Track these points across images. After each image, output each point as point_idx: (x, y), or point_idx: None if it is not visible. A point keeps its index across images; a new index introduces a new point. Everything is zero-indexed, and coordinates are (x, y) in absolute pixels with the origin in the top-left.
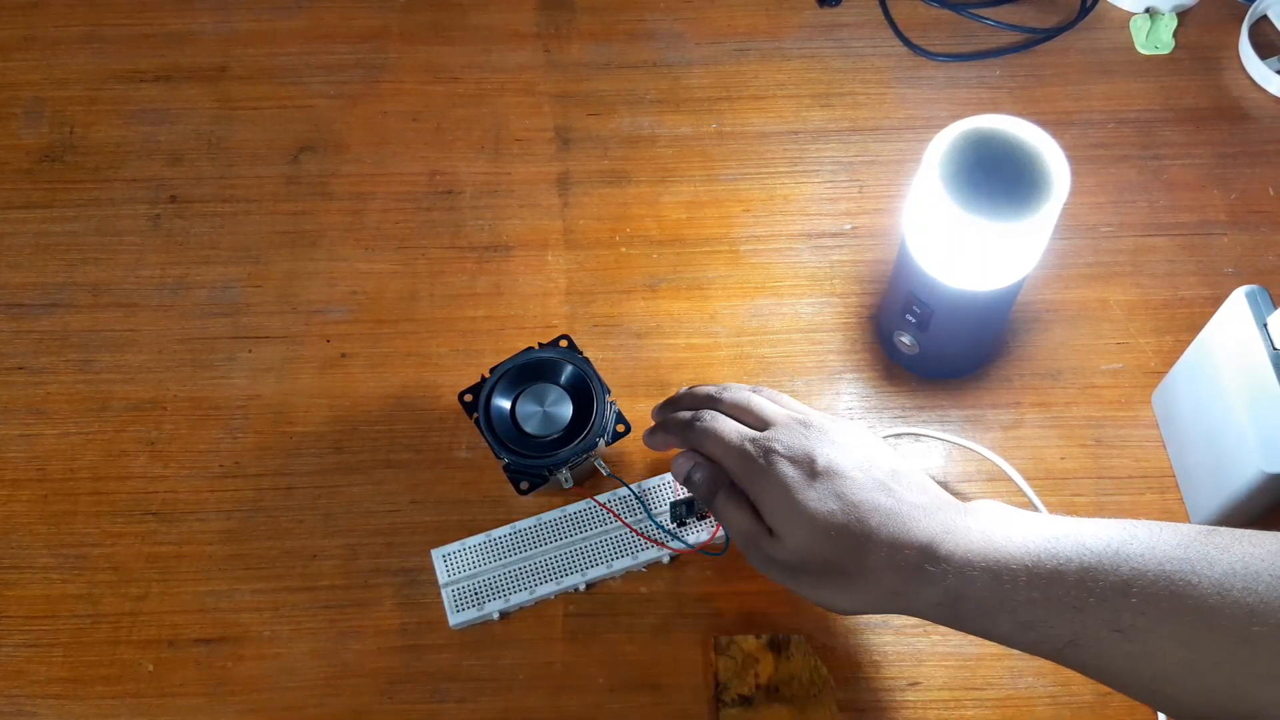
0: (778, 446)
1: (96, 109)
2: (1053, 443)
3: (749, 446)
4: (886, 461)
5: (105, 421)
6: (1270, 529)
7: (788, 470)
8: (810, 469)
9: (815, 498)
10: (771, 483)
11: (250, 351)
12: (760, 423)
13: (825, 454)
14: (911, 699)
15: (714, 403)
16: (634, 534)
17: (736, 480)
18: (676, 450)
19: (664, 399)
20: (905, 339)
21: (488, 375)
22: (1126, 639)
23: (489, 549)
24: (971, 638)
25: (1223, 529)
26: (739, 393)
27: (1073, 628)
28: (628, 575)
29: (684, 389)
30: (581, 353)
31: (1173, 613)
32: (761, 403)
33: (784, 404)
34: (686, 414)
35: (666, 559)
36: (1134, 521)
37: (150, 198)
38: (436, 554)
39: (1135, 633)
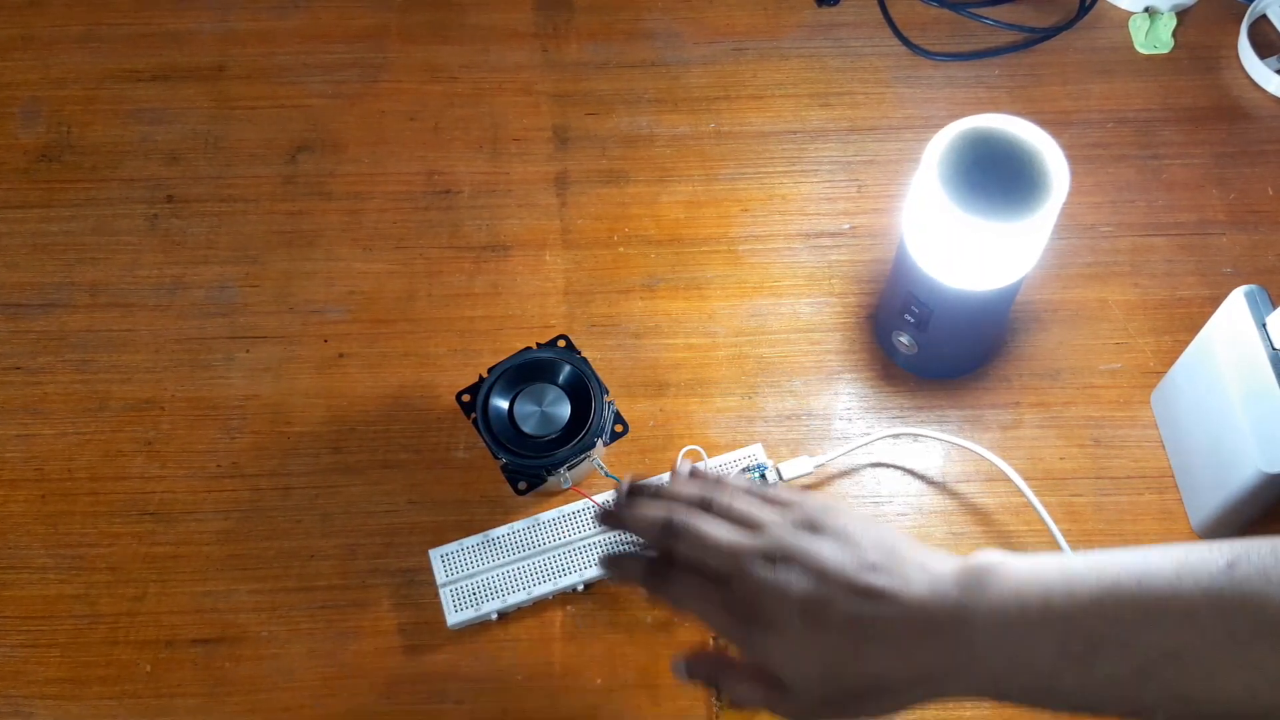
0: (753, 612)
1: (94, 109)
2: (1051, 443)
3: (726, 620)
4: (862, 557)
5: (102, 421)
6: (1269, 530)
7: (772, 630)
8: (792, 616)
9: (812, 645)
10: (761, 646)
11: (248, 351)
12: (721, 574)
13: (799, 592)
14: None
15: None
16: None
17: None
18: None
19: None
20: (904, 339)
21: (486, 375)
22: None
23: (487, 549)
24: None
25: (1239, 557)
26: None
27: (1132, 699)
28: None
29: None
30: (579, 353)
31: (1186, 680)
32: (716, 541)
33: (736, 515)
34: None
35: None
36: (1145, 564)
37: (147, 197)
38: (434, 554)
39: (1163, 688)
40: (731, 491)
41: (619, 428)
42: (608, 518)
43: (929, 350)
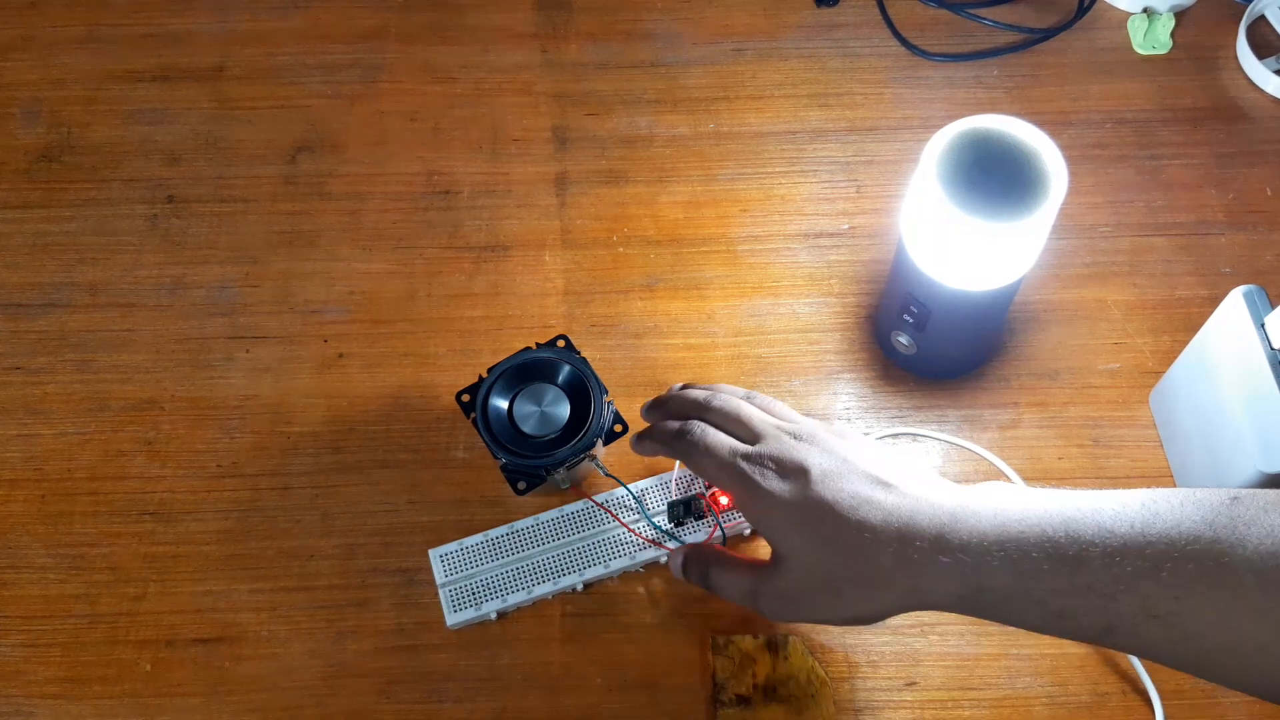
0: (769, 463)
1: (94, 109)
2: (1050, 443)
3: (741, 464)
4: (883, 457)
5: (103, 421)
6: None
7: (781, 485)
8: (804, 479)
9: (813, 506)
10: (766, 501)
11: (248, 351)
12: (750, 435)
13: (817, 461)
14: (909, 699)
15: (703, 410)
16: (631, 534)
17: (732, 497)
18: (665, 458)
19: (653, 398)
20: (903, 339)
21: (485, 375)
22: (1164, 625)
23: (486, 549)
24: (967, 637)
25: (1245, 494)
26: (729, 400)
27: (1106, 617)
28: (625, 575)
29: (674, 388)
30: (579, 353)
31: (1208, 597)
32: (751, 412)
33: (775, 412)
34: (675, 424)
35: (664, 559)
36: (1152, 491)
37: (148, 198)
38: (434, 554)
39: (1172, 619)
40: (769, 401)
41: (618, 428)
42: (641, 438)
43: (928, 350)
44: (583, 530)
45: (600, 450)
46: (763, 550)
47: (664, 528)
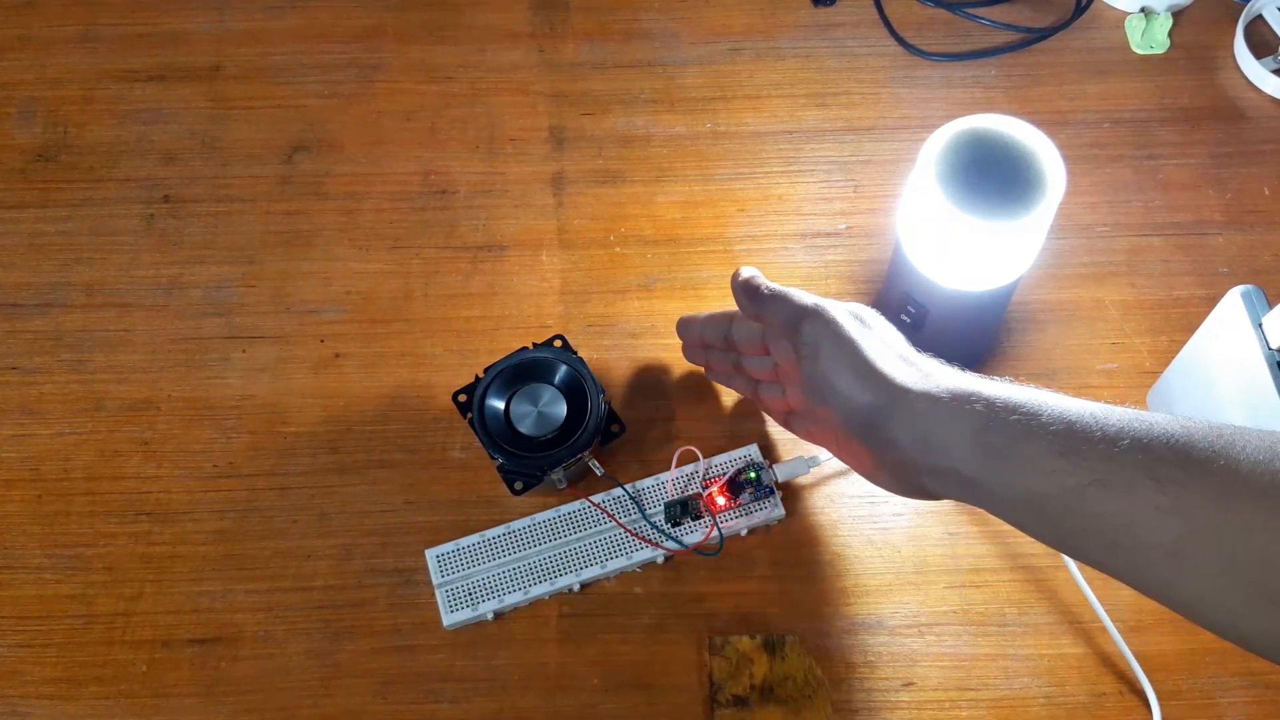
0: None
1: (90, 109)
2: None
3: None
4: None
5: (99, 422)
6: None
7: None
8: (836, 415)
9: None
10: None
11: (244, 351)
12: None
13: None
14: (906, 699)
15: (730, 346)
16: (628, 534)
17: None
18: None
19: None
20: None
21: (482, 375)
22: (1160, 490)
23: (483, 549)
24: (964, 638)
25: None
26: (746, 334)
27: (1105, 467)
28: (622, 576)
29: (694, 326)
30: (576, 353)
31: (1208, 472)
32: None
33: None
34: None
35: (661, 559)
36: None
37: (144, 197)
38: (431, 554)
39: (1170, 486)
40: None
41: (615, 428)
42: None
43: (925, 350)
44: (579, 530)
45: (597, 450)
46: (757, 560)
47: (661, 528)
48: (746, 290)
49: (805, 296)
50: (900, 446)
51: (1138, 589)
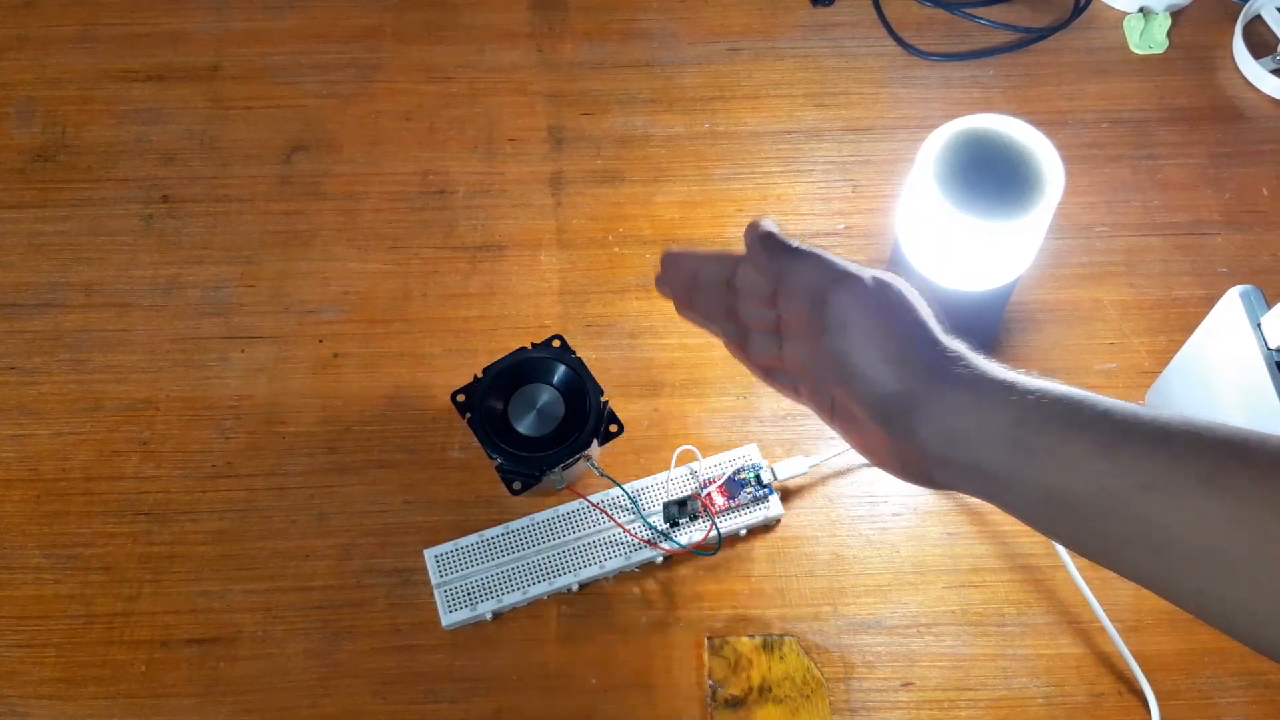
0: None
1: (89, 109)
2: None
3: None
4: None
5: (98, 421)
6: None
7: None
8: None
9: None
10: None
11: (243, 351)
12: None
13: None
14: (905, 699)
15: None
16: (627, 534)
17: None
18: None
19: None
20: None
21: (480, 375)
22: (1216, 497)
23: (482, 549)
24: (963, 638)
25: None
26: (755, 283)
27: (1154, 469)
28: (620, 576)
29: (686, 262)
30: (574, 353)
31: (1257, 482)
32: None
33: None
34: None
35: (659, 559)
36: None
37: (143, 197)
38: (429, 554)
39: (1228, 494)
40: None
41: (614, 428)
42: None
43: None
44: (578, 531)
45: (596, 450)
46: (755, 560)
47: (659, 528)
48: (767, 244)
49: (836, 261)
50: (919, 437)
51: (1171, 598)
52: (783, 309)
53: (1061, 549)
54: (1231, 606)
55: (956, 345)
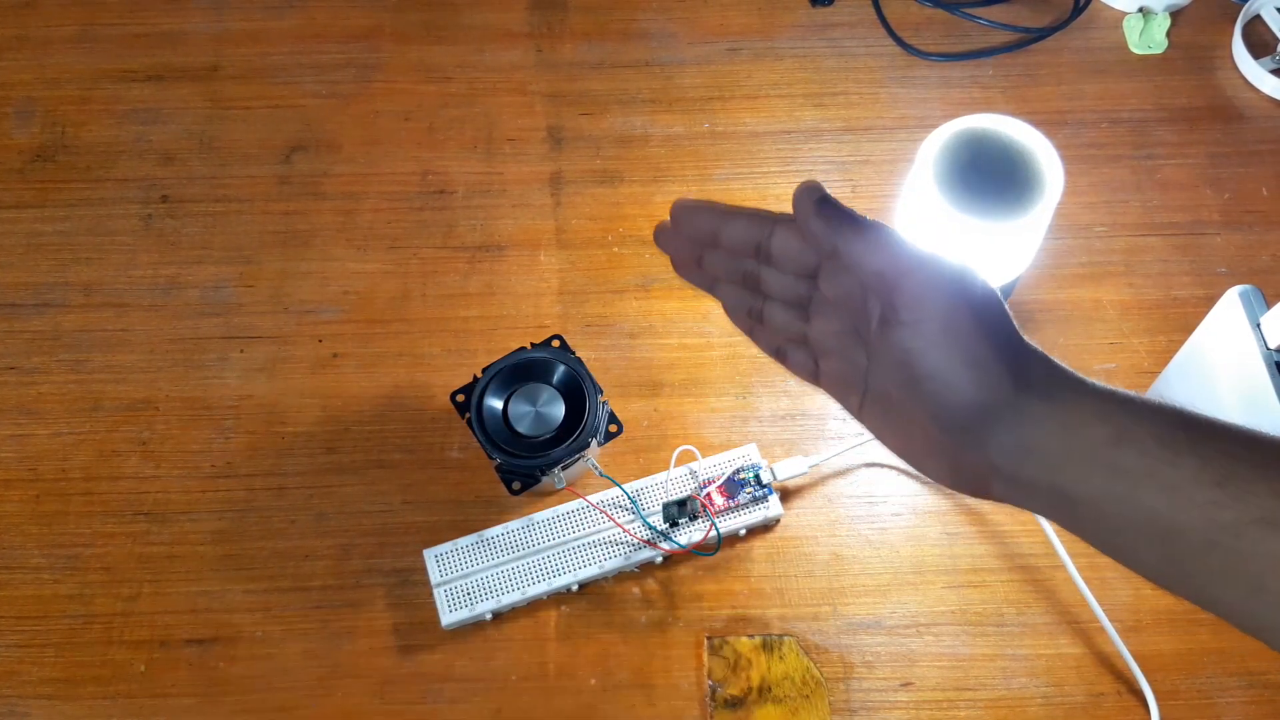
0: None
1: (88, 109)
2: None
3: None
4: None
5: (97, 421)
6: None
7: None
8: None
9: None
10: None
11: (242, 351)
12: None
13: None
14: (904, 699)
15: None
16: (626, 534)
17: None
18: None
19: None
20: None
21: (480, 375)
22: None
23: (481, 549)
24: (962, 638)
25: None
26: (795, 251)
27: (1274, 500)
28: (620, 576)
29: (705, 218)
30: (574, 353)
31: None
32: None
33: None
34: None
35: (659, 559)
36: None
37: (142, 197)
38: (429, 554)
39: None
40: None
41: (613, 428)
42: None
43: None
44: (577, 530)
45: (595, 450)
46: (755, 560)
47: (659, 528)
48: (824, 210)
49: (911, 244)
50: (989, 449)
51: (1266, 638)
52: (827, 287)
53: (1062, 549)
54: None
55: (1036, 349)
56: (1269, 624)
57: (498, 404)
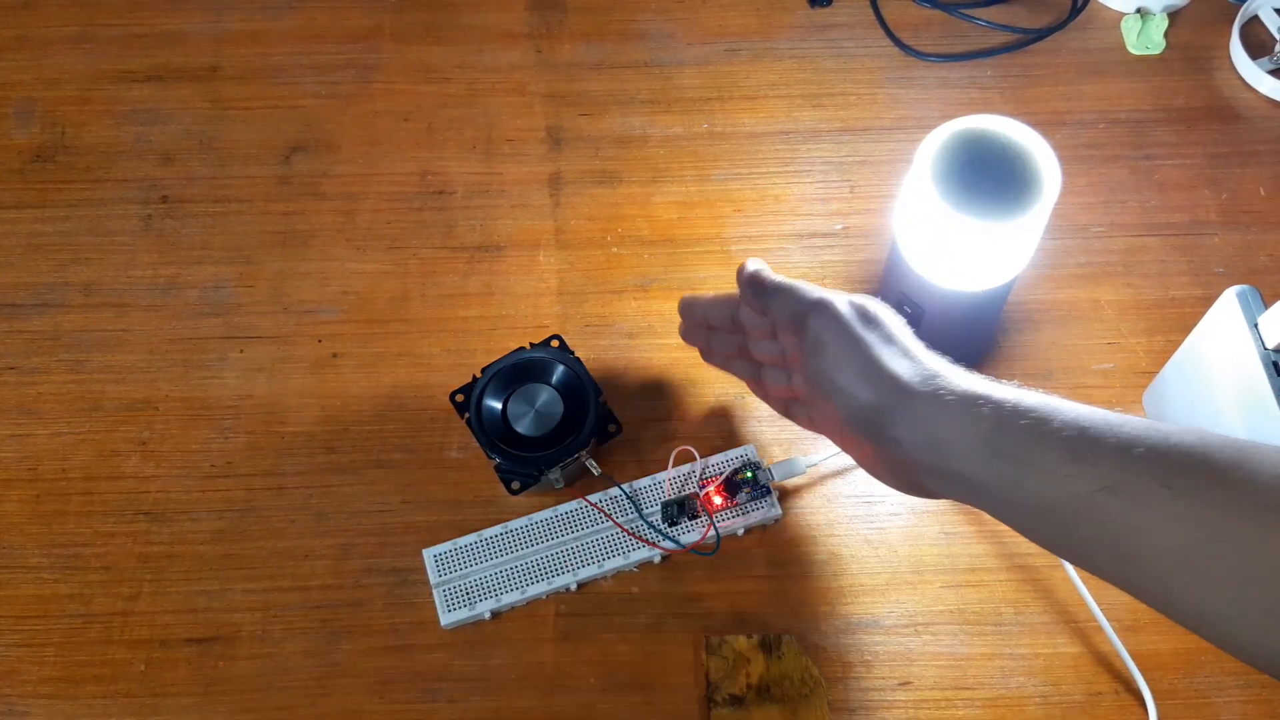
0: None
1: (88, 109)
2: None
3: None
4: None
5: (97, 421)
6: None
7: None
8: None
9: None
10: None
11: (242, 351)
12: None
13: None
14: (902, 699)
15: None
16: (625, 534)
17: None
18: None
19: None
20: None
21: (479, 375)
22: (1174, 497)
23: (480, 549)
24: (960, 637)
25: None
26: (754, 318)
27: (1118, 474)
28: (619, 575)
29: (698, 307)
30: (573, 353)
31: (1226, 483)
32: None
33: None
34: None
35: (658, 559)
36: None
37: (142, 198)
38: (428, 554)
39: (1184, 494)
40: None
41: (612, 428)
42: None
43: None
44: (576, 530)
45: (594, 450)
46: (754, 560)
47: (658, 527)
48: (752, 284)
49: (811, 289)
50: (904, 446)
51: (1143, 598)
52: (782, 341)
53: None
54: (1194, 605)
55: (933, 360)
56: (1139, 585)
57: (497, 404)
